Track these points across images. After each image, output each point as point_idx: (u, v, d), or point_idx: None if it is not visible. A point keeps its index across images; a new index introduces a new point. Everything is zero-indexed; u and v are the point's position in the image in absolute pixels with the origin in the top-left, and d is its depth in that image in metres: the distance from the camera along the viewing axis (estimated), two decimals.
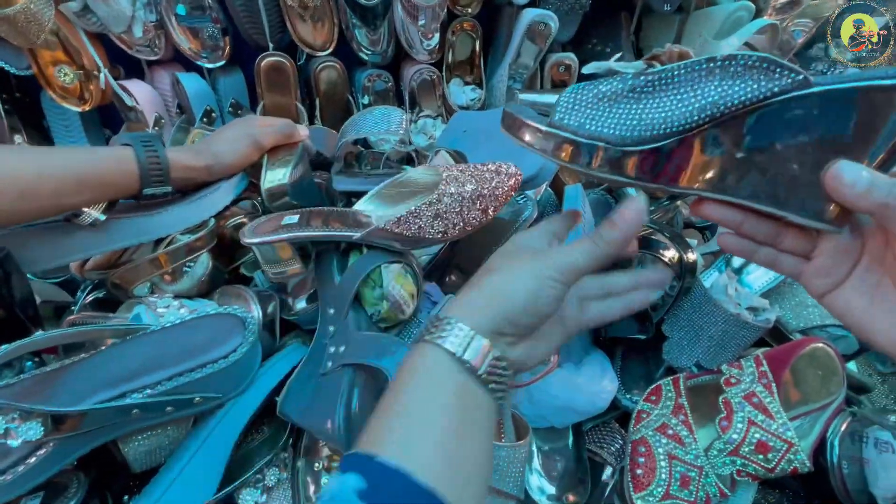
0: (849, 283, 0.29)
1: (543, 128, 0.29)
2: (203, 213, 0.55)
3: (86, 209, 0.49)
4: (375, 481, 0.25)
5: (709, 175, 0.28)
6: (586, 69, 0.30)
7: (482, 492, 0.29)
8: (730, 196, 0.28)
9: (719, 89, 0.26)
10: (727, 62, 0.26)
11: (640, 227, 0.30)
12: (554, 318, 0.32)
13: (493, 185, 0.49)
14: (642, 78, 0.28)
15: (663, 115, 0.27)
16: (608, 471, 0.54)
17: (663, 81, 0.27)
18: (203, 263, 0.54)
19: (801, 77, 0.25)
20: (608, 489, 0.52)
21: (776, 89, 0.25)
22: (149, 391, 0.41)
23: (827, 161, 0.26)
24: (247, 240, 0.49)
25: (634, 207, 0.30)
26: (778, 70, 0.25)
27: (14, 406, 0.38)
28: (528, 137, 0.30)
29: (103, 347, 0.43)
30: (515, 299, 0.30)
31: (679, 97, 0.27)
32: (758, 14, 0.87)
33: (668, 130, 0.27)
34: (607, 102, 0.28)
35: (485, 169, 0.51)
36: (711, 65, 0.26)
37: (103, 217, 0.50)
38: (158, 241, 0.55)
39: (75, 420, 0.39)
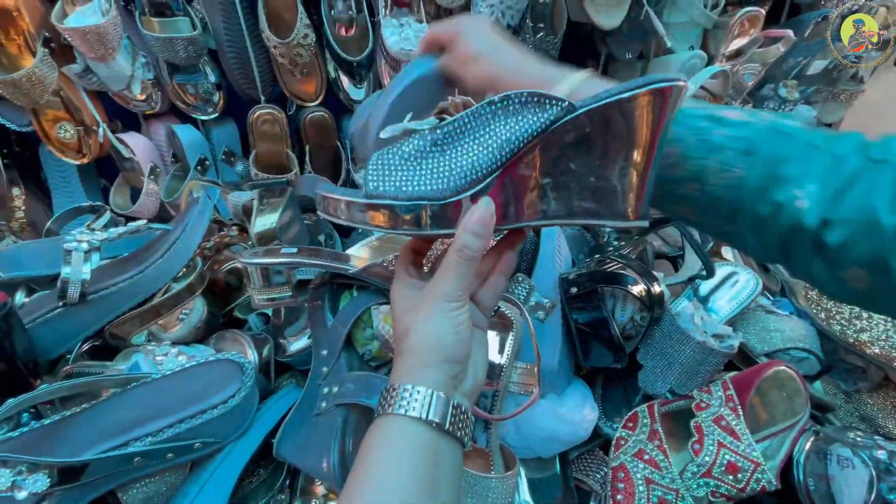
0: None
1: (361, 200, 0.29)
2: (182, 257, 0.58)
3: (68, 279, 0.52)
4: None
5: (529, 205, 0.30)
6: (383, 134, 0.30)
7: None
8: (553, 220, 0.30)
9: (506, 127, 0.28)
10: (505, 102, 0.28)
11: (492, 223, 0.30)
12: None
13: None
14: (439, 131, 0.29)
15: (470, 160, 0.28)
16: (595, 498, 0.56)
17: (459, 130, 0.29)
18: (198, 310, 0.57)
19: (565, 103, 0.27)
20: None
21: (551, 118, 0.27)
22: (150, 439, 0.42)
23: (615, 167, 0.28)
24: (244, 260, 0.52)
25: (478, 214, 0.30)
26: (546, 101, 0.27)
27: (21, 459, 0.39)
28: (348, 213, 0.29)
29: (103, 397, 0.45)
30: (444, 341, 0.31)
31: (478, 141, 0.28)
32: (710, 61, 0.96)
33: (479, 174, 0.28)
34: (415, 161, 0.29)
35: None
36: (493, 107, 0.28)
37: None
38: None
39: (79, 470, 0.41)
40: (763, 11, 0.94)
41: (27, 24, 0.79)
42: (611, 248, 0.71)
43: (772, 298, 0.69)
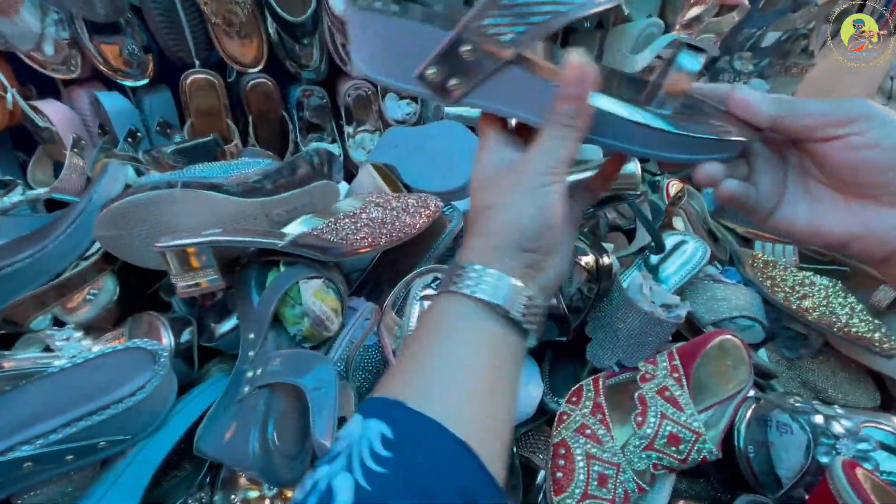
0: (785, 198, 0.31)
1: None
2: (90, 232, 0.52)
3: None
4: (403, 429, 0.24)
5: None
6: None
7: (509, 441, 0.28)
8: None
9: None
10: None
11: (593, 76, 0.27)
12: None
13: (406, 218, 0.50)
14: None
15: None
16: (541, 475, 0.55)
17: None
18: (108, 290, 0.51)
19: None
20: (541, 494, 0.53)
21: None
22: (41, 441, 0.37)
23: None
24: (160, 244, 0.47)
25: (575, 60, 0.27)
26: None
27: None
28: None
29: None
30: (526, 226, 0.28)
31: None
32: (668, 29, 0.94)
33: None
34: None
35: (407, 202, 0.53)
36: None
37: None
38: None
39: None
40: None
41: None
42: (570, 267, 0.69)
43: (720, 268, 0.69)
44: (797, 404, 0.51)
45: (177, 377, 0.47)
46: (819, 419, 0.48)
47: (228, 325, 0.55)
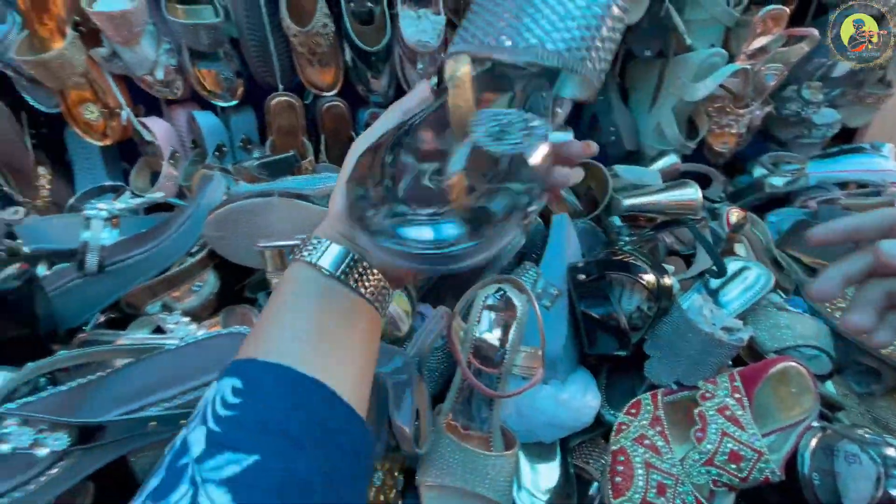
0: None
1: None
2: (195, 233, 0.60)
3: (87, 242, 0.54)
4: (250, 376, 0.25)
5: None
6: None
7: (363, 381, 0.30)
8: None
9: None
10: None
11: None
12: None
13: None
14: None
15: None
16: (595, 486, 0.56)
17: None
18: (210, 283, 0.58)
19: None
20: (595, 503, 0.54)
21: None
22: (165, 405, 0.43)
23: None
24: (260, 245, 0.53)
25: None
26: None
27: (44, 418, 0.41)
28: None
29: (119, 365, 0.47)
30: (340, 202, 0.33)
31: None
32: (731, 60, 0.94)
33: None
34: None
35: None
36: None
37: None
38: None
39: (98, 431, 0.42)
40: (787, 10, 0.92)
41: (59, 9, 0.82)
42: (622, 243, 0.70)
43: (784, 297, 0.68)
44: (867, 435, 0.50)
45: None
46: (891, 451, 0.47)
47: None
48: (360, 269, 0.32)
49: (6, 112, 0.89)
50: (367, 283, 0.32)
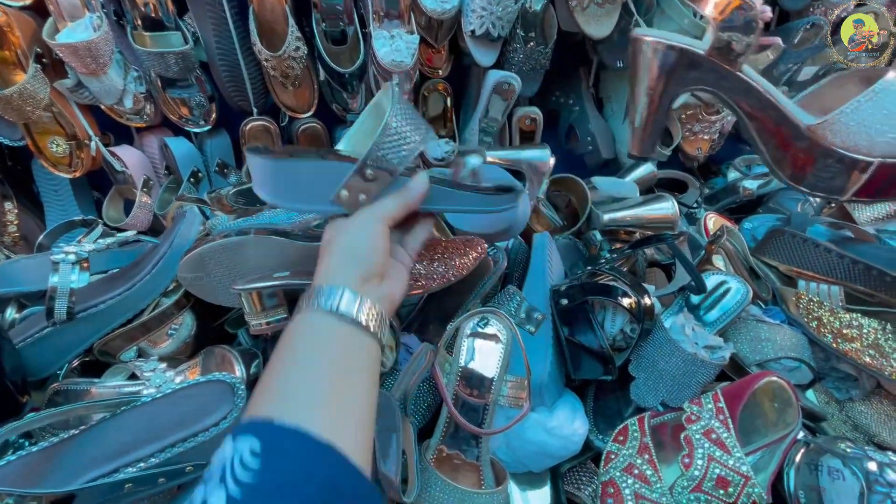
0: None
1: None
2: (170, 272, 0.58)
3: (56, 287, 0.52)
4: (268, 439, 0.26)
5: None
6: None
7: (370, 436, 0.31)
8: None
9: None
10: None
11: (426, 191, 0.42)
12: (393, 261, 0.41)
13: (457, 261, 0.55)
14: None
15: None
16: None
17: None
18: (187, 325, 0.57)
19: None
20: None
21: None
22: (142, 465, 0.42)
23: None
24: (238, 287, 0.52)
25: (416, 185, 0.41)
26: None
27: (9, 492, 0.39)
28: None
29: (93, 421, 0.45)
30: (360, 247, 0.38)
31: None
32: None
33: None
34: None
35: (455, 243, 0.57)
36: None
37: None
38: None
39: (69, 500, 0.40)
40: None
41: (19, 40, 0.79)
42: (603, 260, 0.71)
43: (763, 307, 0.69)
44: (848, 450, 0.51)
45: None
46: (873, 466, 0.48)
47: None
48: (374, 314, 0.35)
49: None
50: (374, 322, 0.35)
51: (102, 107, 0.93)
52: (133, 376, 0.56)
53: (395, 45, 0.94)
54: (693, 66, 0.45)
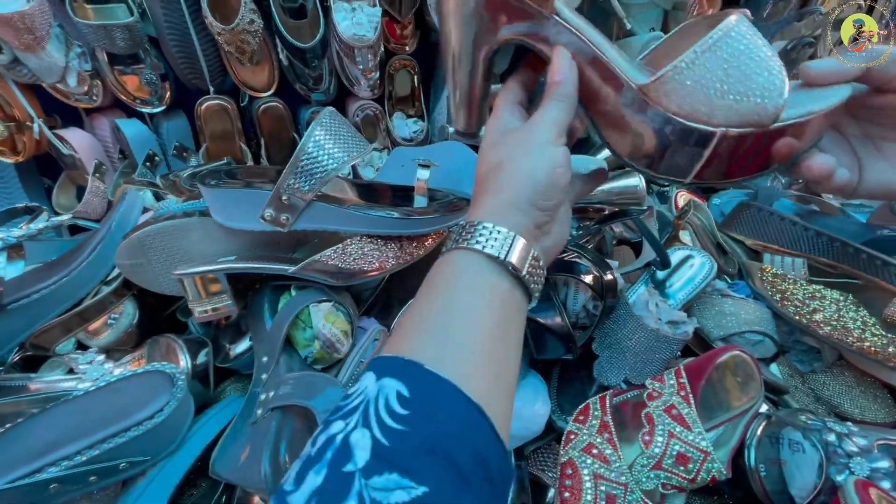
0: (863, 166, 0.32)
1: None
2: (110, 258, 0.55)
3: None
4: (419, 388, 0.23)
5: None
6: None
7: (513, 399, 0.28)
8: None
9: None
10: None
11: (576, 70, 0.32)
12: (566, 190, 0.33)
13: (414, 240, 0.52)
14: None
15: None
16: (551, 492, 0.55)
17: None
18: (128, 314, 0.54)
19: None
20: None
21: None
22: (67, 463, 0.39)
23: None
24: (179, 272, 0.49)
25: (561, 60, 0.32)
26: None
27: None
28: None
29: (20, 420, 0.42)
30: (538, 180, 0.30)
31: None
32: None
33: None
34: None
35: None
36: None
37: None
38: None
39: None
40: None
41: None
42: (569, 238, 0.69)
43: (729, 281, 0.69)
44: (809, 421, 0.50)
45: (193, 397, 0.49)
46: (832, 437, 0.48)
47: (243, 346, 0.57)
48: (539, 271, 0.30)
49: None
50: (536, 282, 0.30)
51: (46, 86, 0.88)
52: (73, 371, 0.52)
53: (356, 19, 0.90)
54: (499, 8, 0.34)
